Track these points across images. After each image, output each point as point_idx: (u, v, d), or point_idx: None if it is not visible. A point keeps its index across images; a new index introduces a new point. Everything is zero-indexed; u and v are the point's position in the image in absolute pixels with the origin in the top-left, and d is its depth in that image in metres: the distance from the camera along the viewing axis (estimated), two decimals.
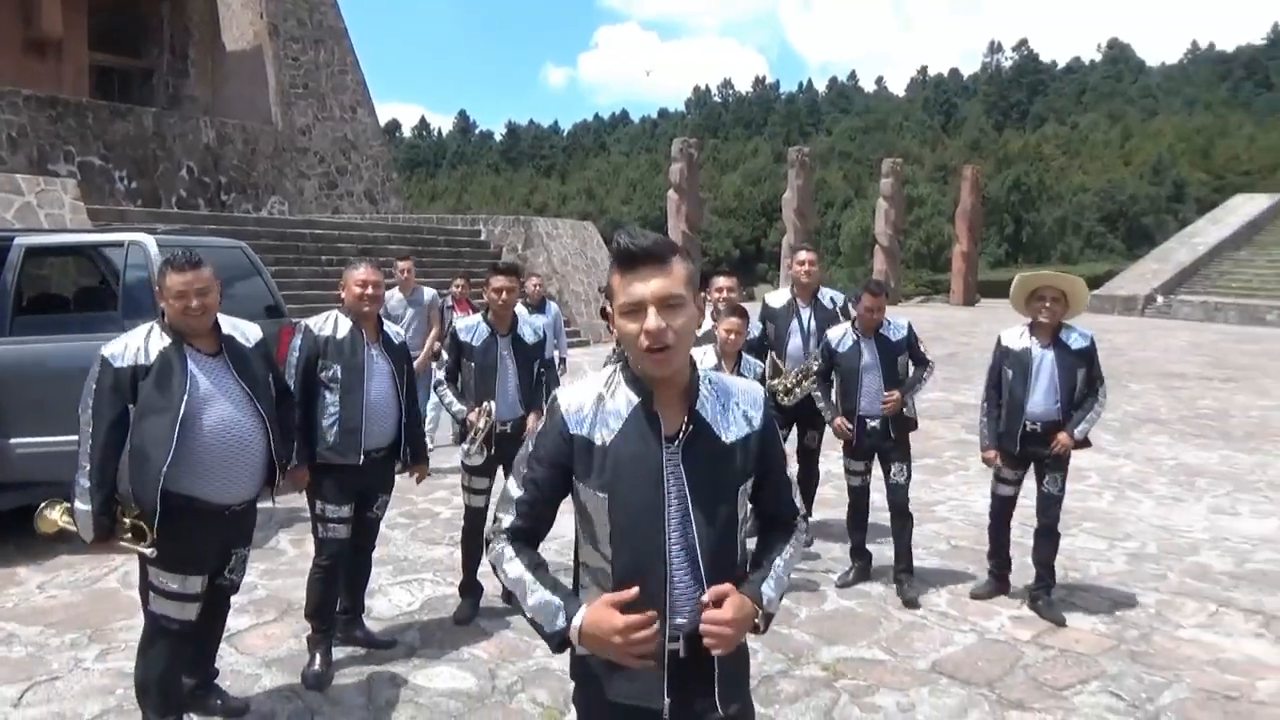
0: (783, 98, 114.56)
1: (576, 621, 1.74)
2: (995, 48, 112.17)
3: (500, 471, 4.62)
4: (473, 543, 4.62)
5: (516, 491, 1.90)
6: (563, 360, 8.18)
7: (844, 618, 4.73)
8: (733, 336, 4.68)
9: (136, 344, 3.11)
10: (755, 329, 5.49)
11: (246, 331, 3.40)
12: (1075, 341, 4.75)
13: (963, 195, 35.34)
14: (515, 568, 1.85)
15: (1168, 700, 3.86)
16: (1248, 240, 32.32)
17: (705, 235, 32.76)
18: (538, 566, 1.86)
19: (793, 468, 2.00)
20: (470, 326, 4.59)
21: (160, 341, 3.12)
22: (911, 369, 5.20)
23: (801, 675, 4.04)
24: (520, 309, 4.89)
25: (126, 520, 3.11)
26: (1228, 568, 5.60)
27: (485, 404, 4.42)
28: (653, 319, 1.73)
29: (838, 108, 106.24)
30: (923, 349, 5.18)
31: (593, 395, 1.88)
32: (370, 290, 3.92)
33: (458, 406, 4.52)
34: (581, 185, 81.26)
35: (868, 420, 5.07)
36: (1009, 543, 5.05)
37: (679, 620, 1.82)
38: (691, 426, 1.82)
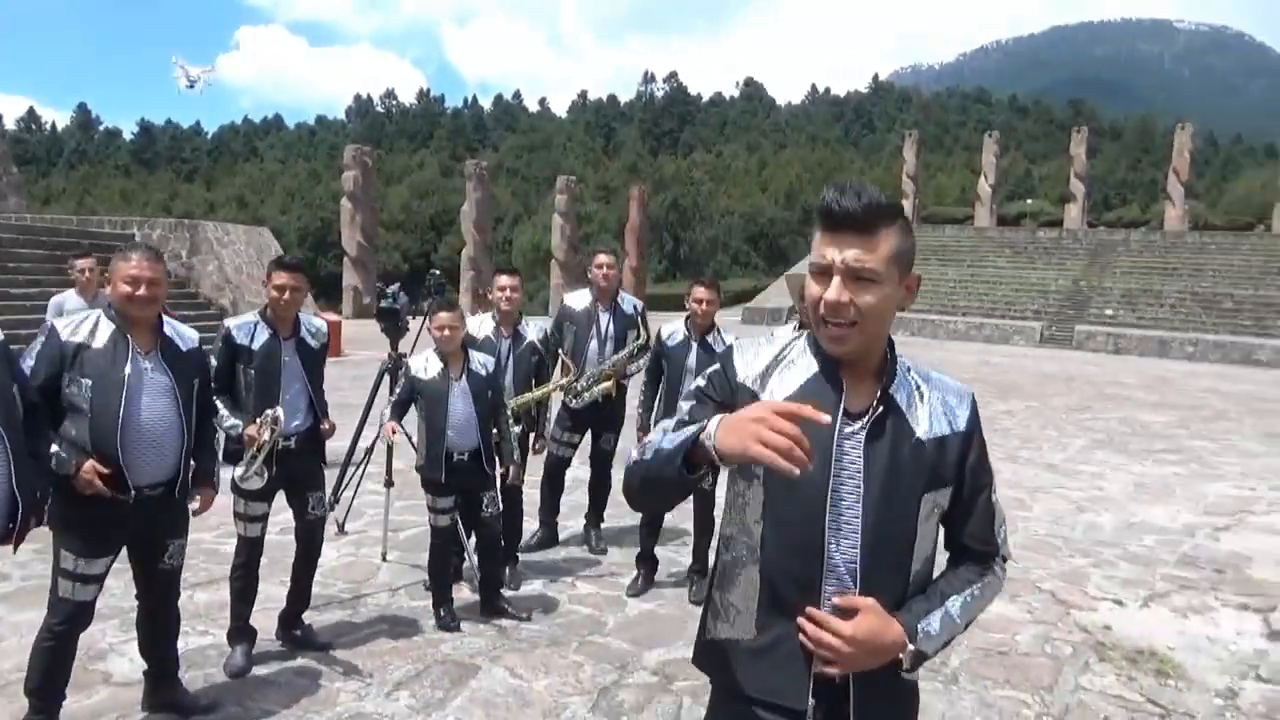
0: (448, 112, 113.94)
1: (713, 425, 1.39)
2: (649, 78, 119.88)
3: (283, 494, 4.00)
4: (246, 581, 3.93)
5: (671, 422, 1.62)
6: None
7: (650, 621, 4.67)
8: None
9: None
10: (538, 330, 5.26)
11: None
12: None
13: (631, 213, 37.31)
14: (655, 434, 1.57)
15: (957, 663, 4.22)
16: None
17: (374, 248, 31.26)
18: None
19: (1000, 494, 1.71)
20: (245, 326, 3.85)
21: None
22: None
23: (636, 683, 3.92)
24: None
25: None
26: None
27: (269, 412, 3.68)
28: (834, 289, 1.50)
29: (503, 125, 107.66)
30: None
31: (772, 353, 1.65)
32: (143, 290, 3.14)
33: (231, 421, 3.72)
34: (232, 192, 74.88)
35: None
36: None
37: None
38: (882, 408, 1.57)
